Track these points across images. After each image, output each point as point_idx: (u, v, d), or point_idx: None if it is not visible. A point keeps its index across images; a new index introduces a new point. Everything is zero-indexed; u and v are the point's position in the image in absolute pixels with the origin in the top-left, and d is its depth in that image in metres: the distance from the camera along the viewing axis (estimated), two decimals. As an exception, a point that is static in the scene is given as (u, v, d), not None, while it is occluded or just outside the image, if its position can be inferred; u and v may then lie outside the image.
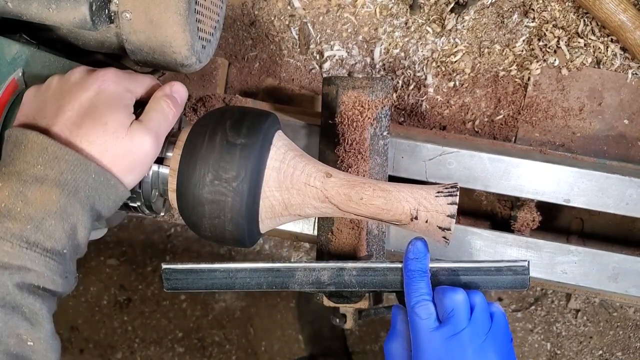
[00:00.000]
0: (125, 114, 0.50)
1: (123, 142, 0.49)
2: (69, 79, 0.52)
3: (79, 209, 0.47)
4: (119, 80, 0.52)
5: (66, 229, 0.46)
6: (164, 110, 0.53)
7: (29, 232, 0.44)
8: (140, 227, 1.54)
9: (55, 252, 0.45)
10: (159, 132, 0.52)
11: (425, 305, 0.53)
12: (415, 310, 0.53)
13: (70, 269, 0.48)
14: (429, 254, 0.56)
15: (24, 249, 0.44)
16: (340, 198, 0.55)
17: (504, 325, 0.55)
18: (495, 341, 0.53)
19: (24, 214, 0.44)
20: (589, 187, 0.80)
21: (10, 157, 0.47)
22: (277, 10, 1.04)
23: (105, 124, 0.48)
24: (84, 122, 0.48)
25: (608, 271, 0.80)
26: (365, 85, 0.71)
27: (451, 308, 0.52)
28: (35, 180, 0.45)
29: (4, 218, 0.44)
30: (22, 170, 0.46)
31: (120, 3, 0.58)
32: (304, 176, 0.55)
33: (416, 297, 0.54)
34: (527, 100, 0.99)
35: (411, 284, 0.55)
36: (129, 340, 1.57)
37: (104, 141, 0.48)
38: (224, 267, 0.59)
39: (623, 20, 0.89)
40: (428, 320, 0.53)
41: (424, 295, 0.54)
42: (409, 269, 0.55)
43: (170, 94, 0.54)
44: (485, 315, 0.54)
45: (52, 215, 0.45)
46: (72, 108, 0.49)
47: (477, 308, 0.54)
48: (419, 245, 0.56)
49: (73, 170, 0.46)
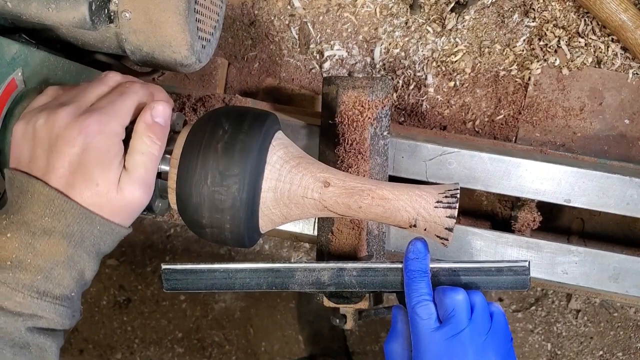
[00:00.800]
0: (115, 169, 0.50)
1: (116, 201, 0.50)
2: (54, 124, 0.49)
3: (86, 256, 0.49)
4: (102, 127, 0.49)
5: (74, 276, 0.49)
6: (148, 150, 0.51)
7: (39, 282, 0.46)
8: (140, 227, 1.53)
9: (64, 297, 0.48)
10: (147, 178, 0.52)
11: (425, 306, 0.53)
12: (416, 311, 0.53)
13: (77, 306, 0.51)
14: (429, 254, 0.56)
15: (35, 299, 0.46)
16: (339, 207, 0.55)
17: (503, 325, 0.55)
18: (495, 341, 0.53)
19: (34, 265, 0.46)
20: (590, 187, 0.79)
21: (17, 205, 0.48)
22: (277, 10, 1.04)
23: (97, 185, 0.49)
24: (76, 182, 0.48)
25: (609, 271, 0.80)
26: (365, 85, 0.70)
27: (452, 308, 0.52)
28: (43, 233, 0.47)
29: (15, 269, 0.46)
30: (30, 221, 0.47)
31: (120, 3, 0.58)
32: (301, 190, 0.55)
33: (417, 297, 0.54)
34: (528, 100, 0.99)
35: (412, 284, 0.55)
36: (128, 340, 1.57)
37: (99, 201, 0.49)
38: (224, 267, 0.59)
39: (624, 19, 0.89)
40: (429, 320, 0.53)
41: (425, 296, 0.54)
42: (409, 269, 0.55)
43: (152, 123, 0.52)
44: (485, 315, 0.54)
45: (60, 265, 0.47)
46: (63, 165, 0.48)
47: (477, 308, 0.54)
48: (419, 246, 0.56)
49: (79, 222, 0.48)
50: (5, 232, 0.47)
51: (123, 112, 0.51)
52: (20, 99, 0.57)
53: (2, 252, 0.46)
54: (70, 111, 0.49)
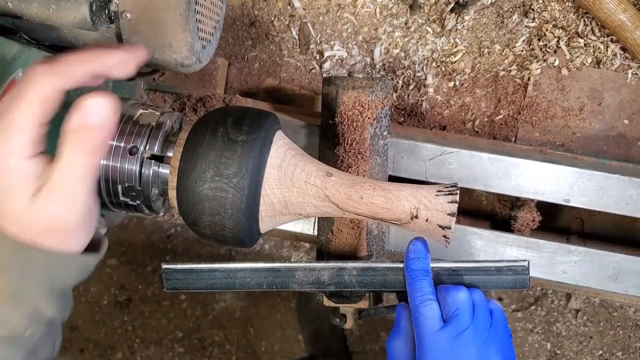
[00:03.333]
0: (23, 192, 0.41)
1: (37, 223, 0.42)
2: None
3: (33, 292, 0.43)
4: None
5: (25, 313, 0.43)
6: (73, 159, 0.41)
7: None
8: (140, 227, 1.54)
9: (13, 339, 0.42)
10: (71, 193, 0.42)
11: (429, 305, 0.53)
12: (420, 310, 0.53)
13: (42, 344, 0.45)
14: (429, 254, 0.56)
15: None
16: (340, 197, 0.55)
17: (503, 321, 0.56)
18: (496, 337, 0.54)
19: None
20: (589, 187, 0.80)
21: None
22: (277, 10, 1.04)
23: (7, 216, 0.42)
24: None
25: (608, 271, 0.80)
26: (365, 85, 0.71)
27: (455, 307, 0.53)
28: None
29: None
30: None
31: (121, 3, 0.58)
32: (304, 174, 0.55)
33: (420, 297, 0.54)
34: (527, 100, 0.99)
35: (414, 284, 0.55)
36: (129, 340, 1.57)
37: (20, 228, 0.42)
38: (224, 267, 0.59)
39: (623, 20, 0.89)
40: (432, 320, 0.53)
41: (428, 295, 0.54)
42: (411, 269, 0.55)
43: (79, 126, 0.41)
44: (486, 312, 0.55)
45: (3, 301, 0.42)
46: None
47: (478, 306, 0.54)
48: (419, 245, 0.56)
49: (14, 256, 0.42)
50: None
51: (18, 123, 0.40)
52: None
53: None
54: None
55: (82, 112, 0.41)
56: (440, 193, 0.54)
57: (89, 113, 0.41)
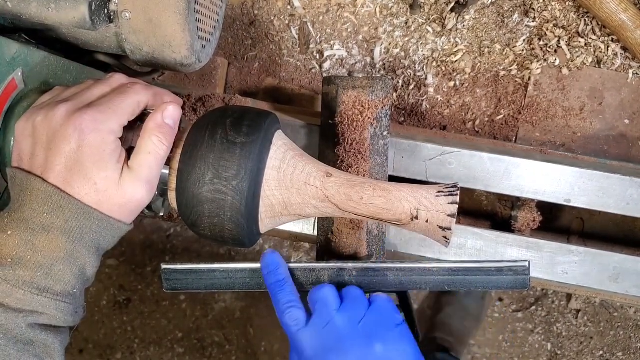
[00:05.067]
0: (112, 167, 0.49)
1: (116, 198, 0.49)
2: (52, 120, 0.49)
3: (85, 252, 0.49)
4: (97, 125, 0.48)
5: (74, 272, 0.49)
6: (155, 149, 0.51)
7: (40, 278, 0.47)
8: (140, 227, 1.53)
9: (65, 294, 0.48)
10: (150, 177, 0.51)
11: (290, 312, 0.55)
12: (284, 320, 0.55)
13: (80, 303, 0.51)
14: (282, 261, 0.58)
15: (35, 295, 0.46)
16: (340, 197, 0.55)
17: (385, 310, 0.56)
18: (374, 325, 0.54)
19: (34, 262, 0.47)
20: (590, 187, 0.79)
21: (18, 202, 0.49)
22: (277, 10, 1.04)
23: (95, 183, 0.48)
24: (74, 180, 0.48)
25: (609, 271, 0.80)
26: (365, 85, 0.70)
27: (315, 302, 0.55)
28: (42, 229, 0.47)
29: (15, 266, 0.46)
30: (29, 218, 0.47)
31: (120, 3, 0.58)
32: (304, 175, 0.55)
33: (280, 307, 0.56)
34: (528, 100, 0.99)
35: (274, 297, 0.57)
36: (128, 340, 1.57)
37: (97, 198, 0.49)
38: (224, 267, 0.59)
39: (624, 19, 0.89)
40: (297, 321, 0.55)
41: (288, 303, 0.56)
42: (268, 285, 0.57)
43: (162, 123, 0.51)
44: (357, 302, 0.55)
45: (60, 261, 0.47)
46: (60, 162, 0.48)
47: (347, 298, 0.55)
48: (268, 259, 0.58)
49: (77, 218, 0.48)
50: (6, 230, 0.47)
51: (121, 111, 0.50)
52: (21, 99, 0.57)
53: (3, 249, 0.46)
54: (67, 108, 0.49)
55: (165, 113, 0.52)
56: (441, 194, 0.54)
57: (170, 114, 0.52)
